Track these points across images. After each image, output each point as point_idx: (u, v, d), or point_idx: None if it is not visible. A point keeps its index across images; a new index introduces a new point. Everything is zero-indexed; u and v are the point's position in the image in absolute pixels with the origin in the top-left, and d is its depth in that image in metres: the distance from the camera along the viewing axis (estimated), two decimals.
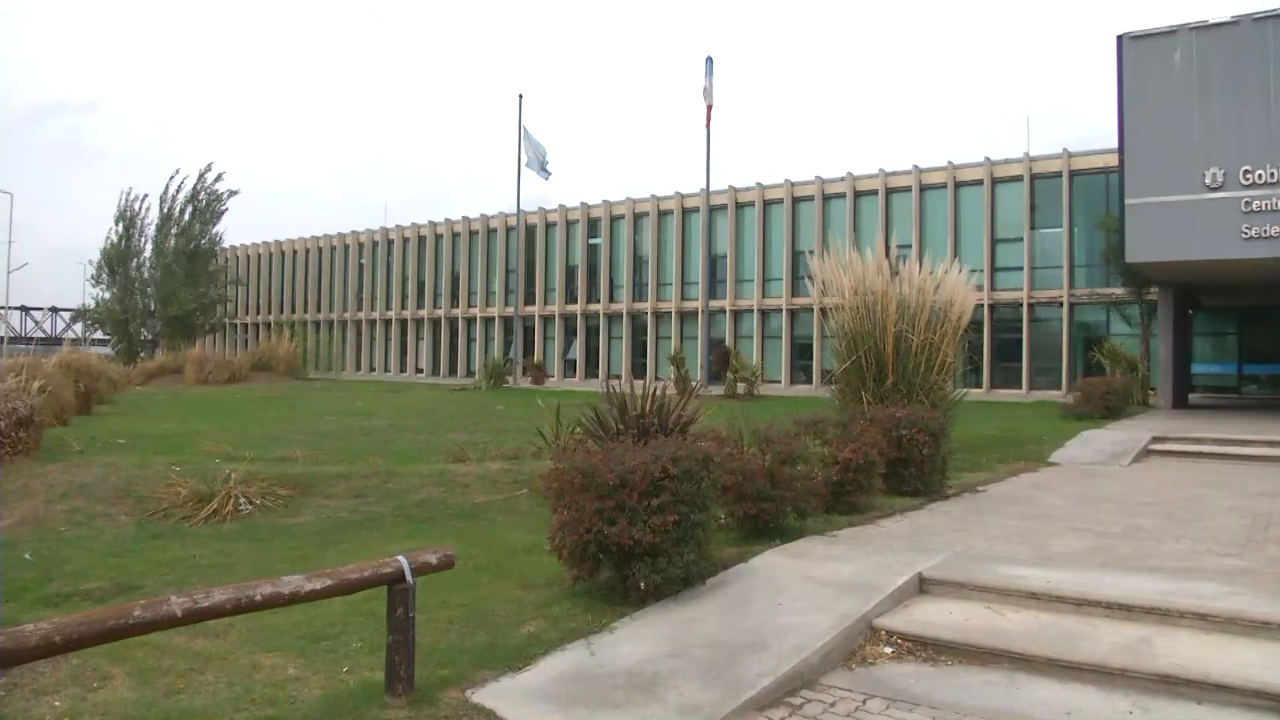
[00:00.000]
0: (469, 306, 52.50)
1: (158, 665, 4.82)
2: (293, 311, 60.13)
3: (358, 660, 4.87)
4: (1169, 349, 25.13)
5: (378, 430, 17.32)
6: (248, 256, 63.89)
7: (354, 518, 9.03)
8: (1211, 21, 20.41)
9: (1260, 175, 19.43)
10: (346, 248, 58.47)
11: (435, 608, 5.57)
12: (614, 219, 47.27)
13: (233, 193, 54.61)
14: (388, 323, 56.40)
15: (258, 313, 62.81)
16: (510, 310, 48.66)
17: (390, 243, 56.22)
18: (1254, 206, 19.48)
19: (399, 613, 4.37)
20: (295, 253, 61.36)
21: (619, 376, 40.36)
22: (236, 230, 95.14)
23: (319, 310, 59.55)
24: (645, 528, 5.50)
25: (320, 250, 59.93)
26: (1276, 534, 8.10)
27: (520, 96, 43.45)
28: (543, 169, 43.34)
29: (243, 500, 9.25)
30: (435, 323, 54.13)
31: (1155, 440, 15.57)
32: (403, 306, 55.42)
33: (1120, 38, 21.19)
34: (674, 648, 5.01)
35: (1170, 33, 20.70)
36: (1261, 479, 12.13)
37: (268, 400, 27.47)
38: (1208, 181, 19.89)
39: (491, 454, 12.31)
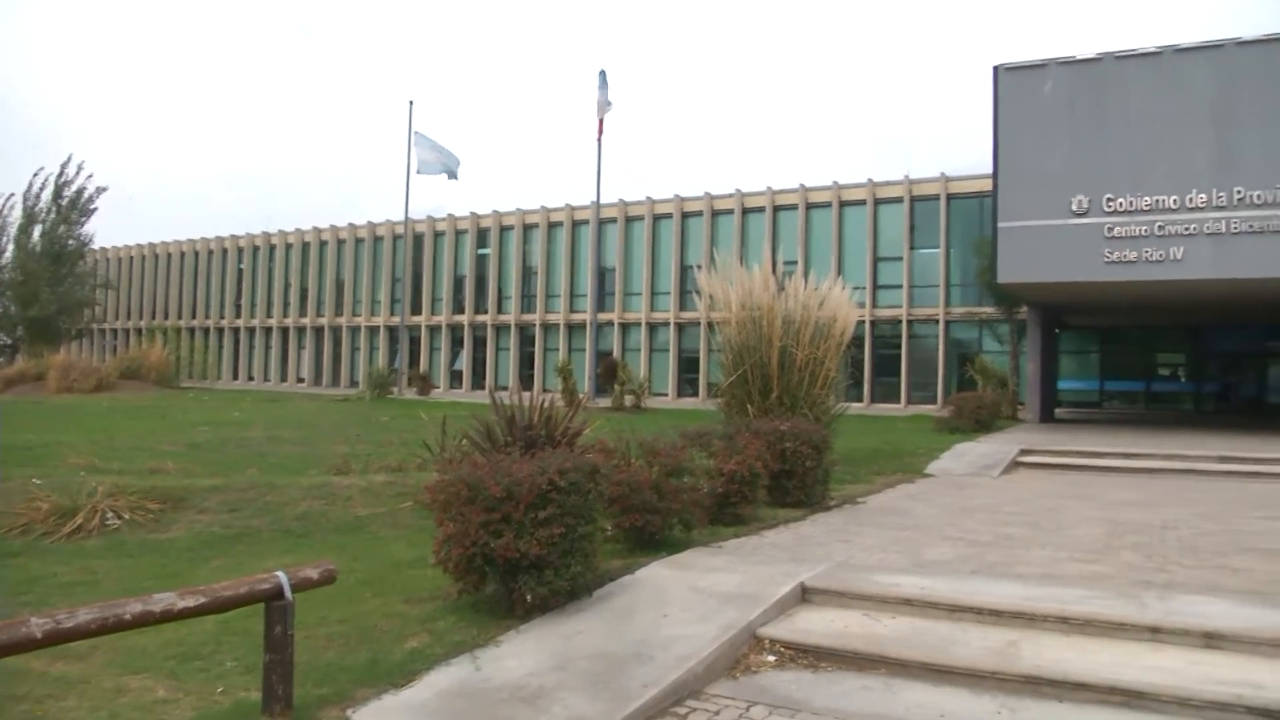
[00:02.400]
0: (353, 315, 51.51)
1: (13, 692, 4.55)
2: (166, 317, 58.00)
3: (232, 680, 4.72)
4: (1036, 366, 26.25)
5: (255, 441, 16.81)
6: (119, 259, 61.37)
7: (229, 532, 8.74)
8: (1079, 57, 21.46)
9: (1121, 203, 20.49)
10: (225, 252, 56.72)
11: (315, 624, 5.44)
12: (503, 229, 47.05)
13: (101, 190, 52.31)
14: (268, 330, 54.88)
15: (128, 318, 60.36)
16: (396, 319, 47.92)
17: (272, 248, 54.76)
18: (1116, 232, 20.53)
19: (277, 630, 4.25)
20: (171, 256, 59.22)
21: (506, 388, 40.09)
22: (113, 233, 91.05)
23: (194, 316, 57.61)
24: (532, 540, 5.48)
25: (197, 254, 57.98)
26: (1131, 541, 8.54)
27: (410, 104, 42.95)
28: (449, 172, 42.46)
29: (110, 515, 8.84)
30: (318, 331, 52.93)
31: (1023, 453, 16.24)
32: (284, 314, 54.01)
33: (996, 69, 22.10)
34: (560, 660, 5.01)
35: (1041, 66, 21.69)
36: (1119, 489, 12.78)
37: (137, 410, 26.36)
38: (1074, 208, 20.89)
39: (375, 466, 12.08)
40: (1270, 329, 34.27)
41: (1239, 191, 19.62)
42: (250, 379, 55.04)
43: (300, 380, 53.18)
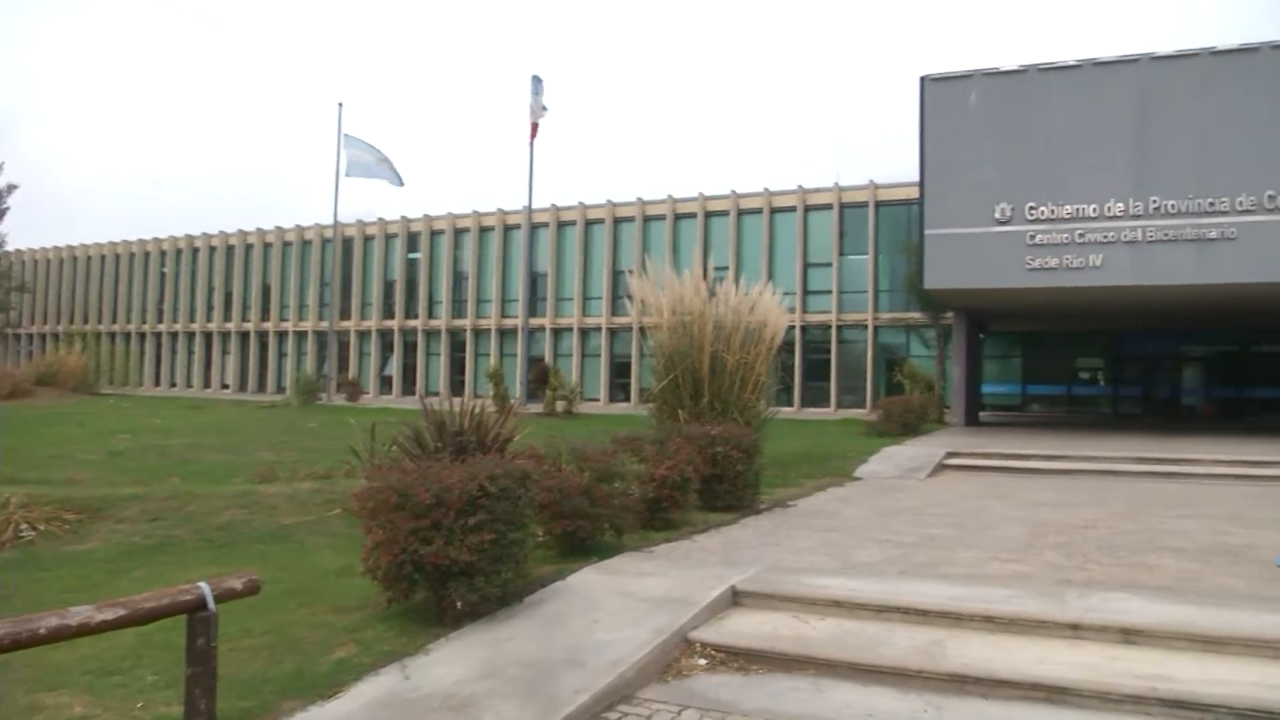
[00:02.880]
0: (280, 320, 50.62)
1: None
2: (85, 321, 56.36)
3: (153, 695, 4.59)
4: (962, 370, 26.78)
5: (177, 449, 16.41)
6: (35, 261, 59.49)
7: (149, 543, 8.51)
8: (1003, 69, 21.99)
9: (1043, 212, 21.03)
10: (148, 255, 55.32)
11: (239, 636, 5.32)
12: (434, 234, 46.65)
13: (13, 187, 50.61)
14: (191, 335, 53.67)
15: (45, 322, 58.54)
16: (324, 324, 47.21)
17: (196, 251, 53.55)
18: (1037, 240, 21.06)
19: (200, 643, 4.14)
20: (90, 259, 57.60)
21: (437, 393, 39.72)
22: (31, 235, 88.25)
23: (115, 321, 56.10)
24: (462, 547, 5.43)
25: (119, 257, 56.47)
26: (1053, 541, 8.75)
27: (340, 105, 42.34)
28: (391, 179, 41.75)
29: (24, 526, 8.56)
30: (243, 336, 51.92)
31: (949, 455, 16.54)
32: (208, 318, 52.85)
33: (923, 79, 22.54)
34: (490, 668, 4.97)
35: (967, 76, 22.17)
36: (1042, 490, 13.09)
37: (54, 417, 25.55)
38: (997, 216, 21.38)
39: (302, 473, 11.87)
40: (1184, 334, 35.48)
41: (1155, 201, 20.28)
42: (173, 385, 53.75)
43: (225, 386, 52.08)
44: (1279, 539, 8.93)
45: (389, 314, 47.62)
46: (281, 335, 50.80)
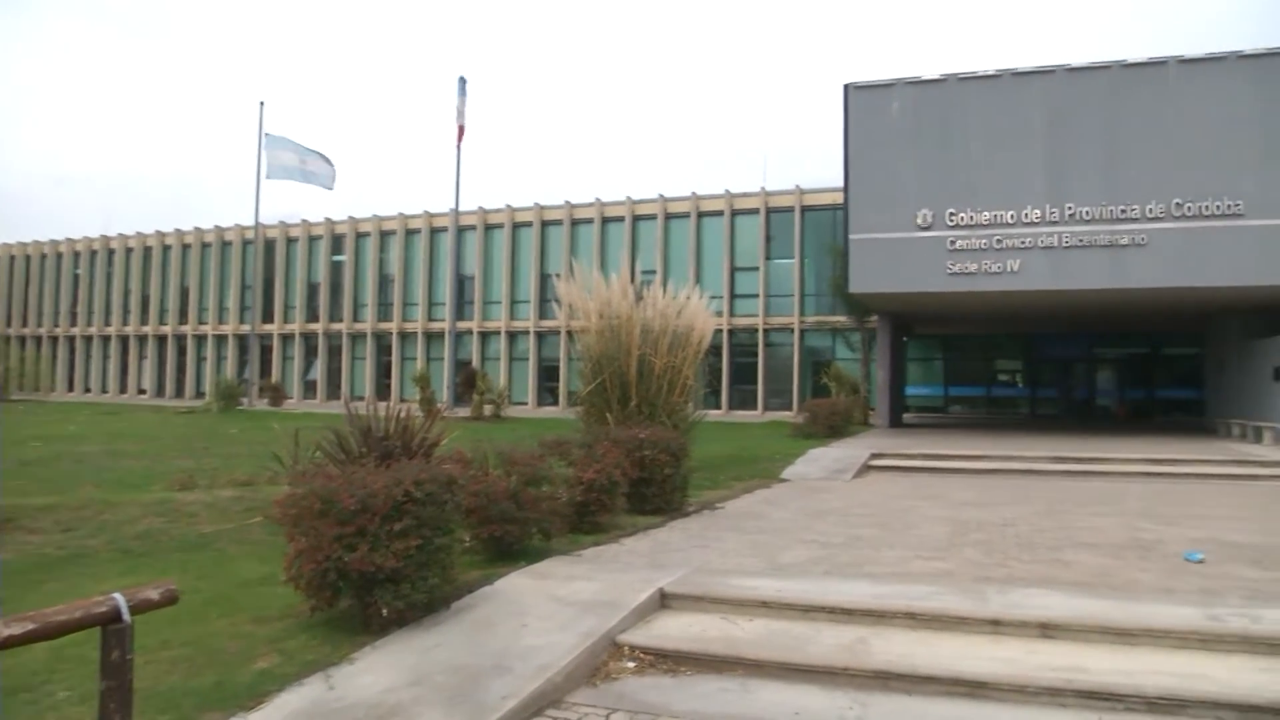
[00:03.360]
0: (200, 323, 49.44)
1: None
2: None
3: (65, 712, 4.45)
4: (886, 373, 27.22)
5: (92, 457, 15.94)
6: None
7: (63, 553, 8.24)
8: (924, 78, 22.43)
9: (962, 218, 21.51)
10: (60, 256, 53.56)
11: (156, 648, 5.18)
12: (359, 235, 45.98)
13: None
14: (106, 339, 52.09)
15: None
16: (246, 328, 46.24)
17: (111, 252, 51.99)
18: (957, 245, 21.52)
19: (114, 656, 4.02)
20: None
21: (362, 398, 39.20)
22: None
23: (25, 324, 54.24)
24: (387, 553, 5.36)
25: (29, 258, 54.62)
26: (974, 539, 8.94)
27: (261, 104, 41.52)
28: (322, 183, 41.03)
29: None
30: (161, 340, 50.60)
31: (874, 457, 16.80)
32: (124, 322, 51.35)
33: (847, 87, 22.89)
34: (417, 675, 4.91)
35: (889, 85, 22.57)
36: (963, 489, 13.36)
37: None
38: (919, 221, 21.80)
39: (222, 480, 11.62)
40: (1098, 337, 36.55)
41: (1069, 208, 20.86)
42: (87, 390, 52.10)
43: (142, 391, 50.67)
44: (1188, 534, 9.25)
45: (313, 317, 46.82)
46: (201, 339, 49.60)
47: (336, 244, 46.66)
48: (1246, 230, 19.87)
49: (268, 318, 46.88)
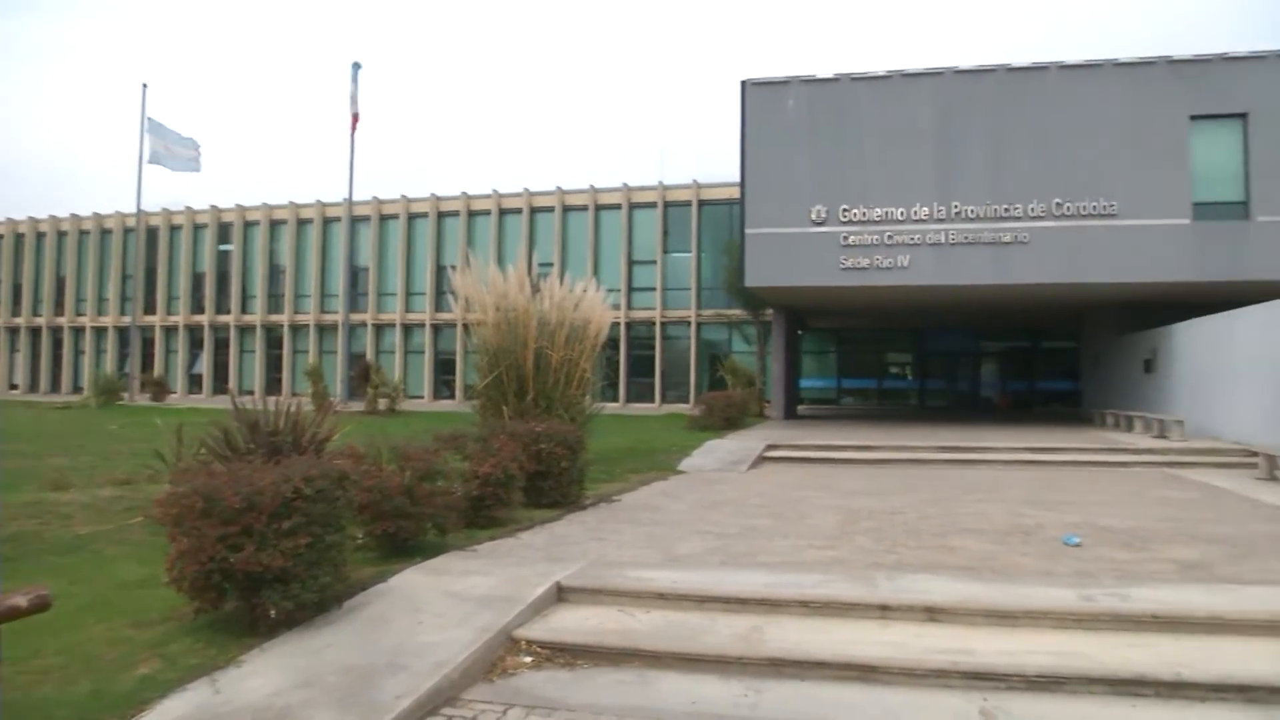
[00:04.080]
0: (77, 314, 47.38)
1: None
2: None
3: None
4: (781, 366, 27.67)
5: None
6: None
7: None
8: (819, 76, 22.81)
9: (855, 214, 21.97)
10: None
11: (27, 657, 4.94)
12: (248, 225, 44.67)
13: None
14: None
15: None
16: (127, 319, 44.50)
17: None
18: (850, 241, 21.98)
19: None
20: None
21: (251, 392, 38.14)
22: None
23: None
24: (275, 552, 5.22)
25: None
26: (864, 527, 9.15)
27: (144, 87, 39.93)
28: (174, 158, 39.63)
29: None
30: (34, 332, 48.34)
31: (769, 448, 17.07)
32: None
33: (744, 83, 23.14)
34: (308, 677, 4.79)
35: (785, 82, 22.89)
36: (855, 479, 13.66)
37: None
38: (813, 217, 22.19)
39: (100, 479, 11.17)
40: (983, 331, 37.78)
41: (956, 206, 21.49)
42: None
43: (14, 387, 48.34)
44: (1065, 519, 9.64)
45: (198, 309, 45.34)
46: (78, 331, 47.55)
47: (223, 233, 45.25)
48: (1120, 230, 20.78)
49: (150, 309, 45.21)
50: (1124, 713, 4.67)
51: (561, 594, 6.43)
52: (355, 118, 35.90)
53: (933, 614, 5.86)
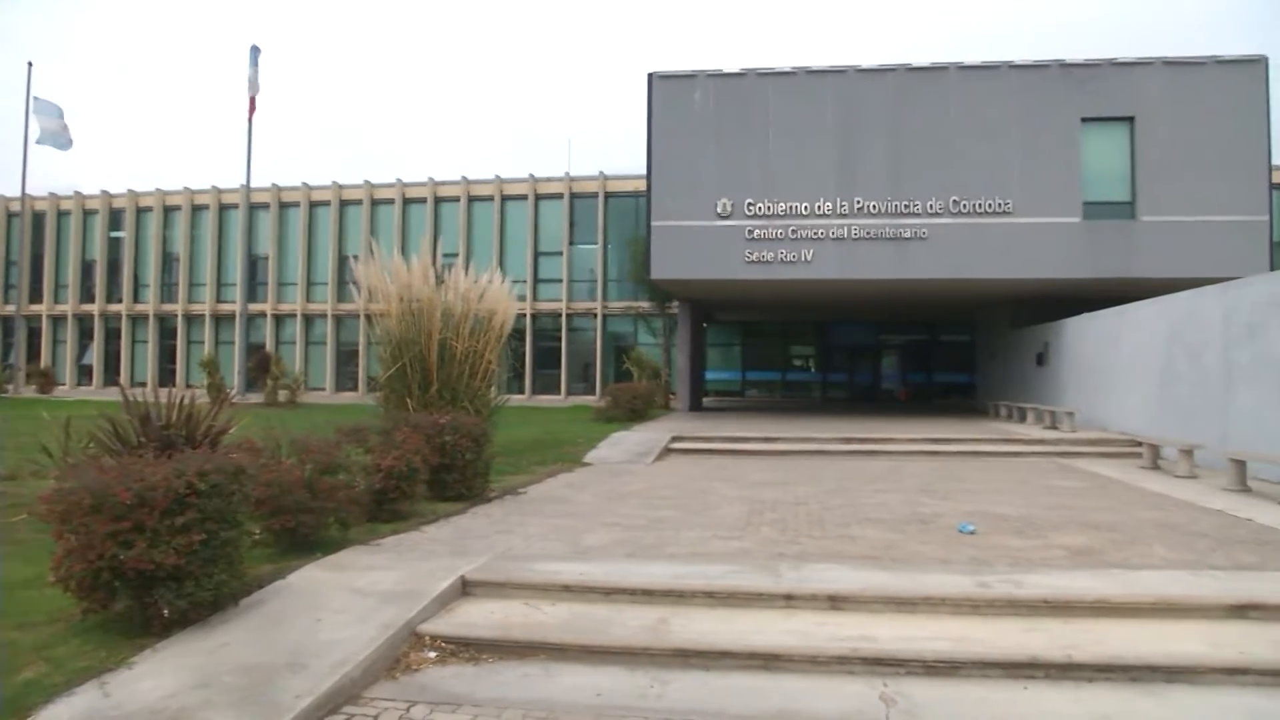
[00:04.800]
0: None
1: None
2: None
3: None
4: (687, 358, 27.86)
5: None
6: None
7: None
8: (725, 70, 22.97)
9: (760, 208, 22.22)
10: None
11: None
12: (141, 211, 43.06)
13: None
14: None
15: None
16: (11, 308, 42.56)
17: None
18: (755, 235, 22.22)
19: None
20: None
21: (144, 384, 36.90)
22: None
23: None
24: (168, 549, 5.05)
25: None
26: (769, 518, 9.27)
27: (30, 65, 38.13)
28: (59, 137, 37.95)
29: None
30: None
31: (675, 440, 17.17)
32: None
33: (651, 76, 23.18)
34: (204, 677, 4.65)
35: (692, 76, 23.00)
36: (760, 470, 13.83)
37: None
38: (719, 210, 22.38)
39: None
40: (884, 324, 38.62)
41: (858, 202, 21.90)
42: None
43: None
44: (962, 508, 9.92)
45: (88, 297, 43.59)
46: None
47: (115, 219, 43.56)
48: (1014, 227, 21.45)
49: (36, 297, 43.32)
50: (1017, 695, 4.83)
51: (467, 588, 6.38)
52: (253, 102, 34.89)
53: (835, 602, 5.97)
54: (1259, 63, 21.35)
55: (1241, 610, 5.79)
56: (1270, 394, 12.50)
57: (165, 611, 5.18)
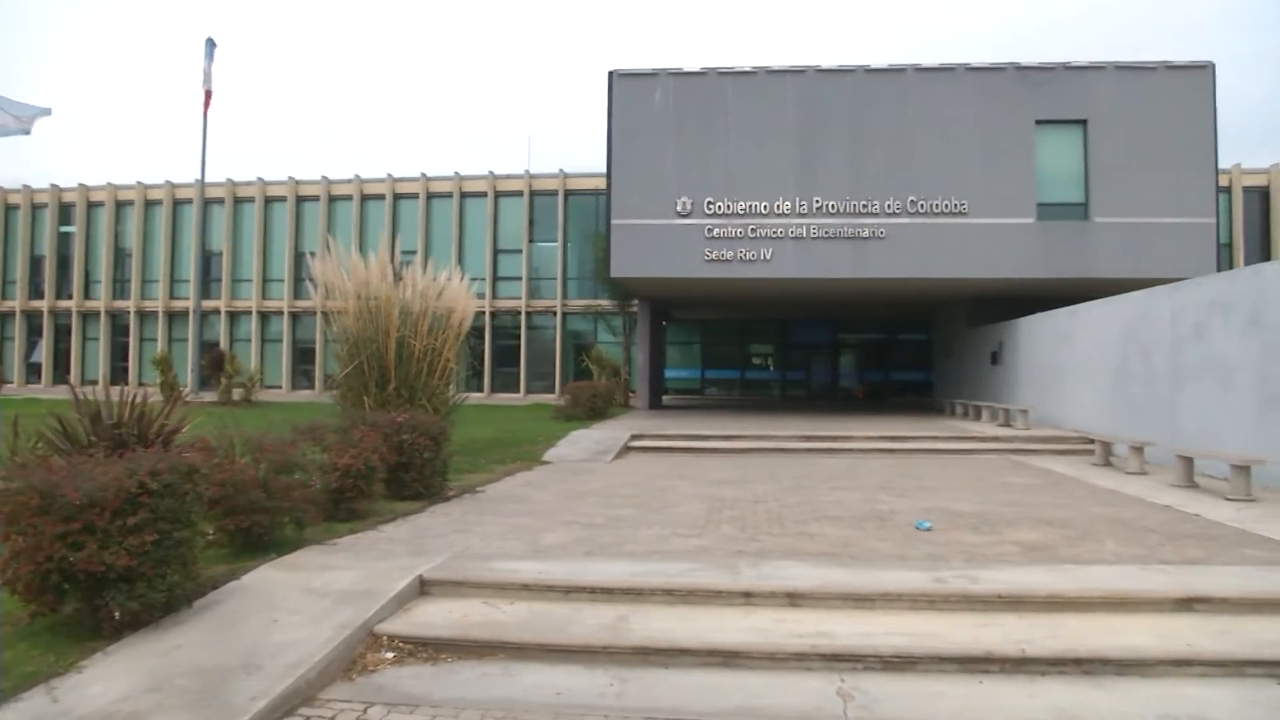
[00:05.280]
0: None
1: None
2: None
3: None
4: (646, 356, 27.90)
5: None
6: None
7: None
8: (686, 70, 23.02)
9: (720, 206, 22.29)
10: None
11: None
12: (91, 205, 42.26)
13: None
14: None
15: None
16: None
17: None
18: (715, 233, 22.29)
19: None
20: None
21: (94, 383, 36.25)
22: None
23: None
24: (120, 550, 4.97)
25: None
26: (729, 515, 9.31)
27: None
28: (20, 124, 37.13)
29: None
30: None
31: (634, 438, 17.18)
32: None
33: (611, 74, 23.16)
34: (156, 680, 4.58)
35: (653, 74, 23.02)
36: (719, 468, 13.88)
37: None
38: (679, 209, 22.42)
39: None
40: (842, 323, 38.90)
41: (818, 201, 22.04)
42: None
43: None
44: (919, 505, 10.01)
45: (37, 294, 42.73)
46: None
47: (65, 214, 42.72)
48: (970, 228, 21.70)
49: None
50: (972, 689, 4.89)
51: (424, 587, 6.33)
52: (209, 96, 34.42)
53: (794, 599, 6.00)
54: (1206, 69, 21.77)
55: (1188, 603, 5.90)
56: (1215, 393, 12.75)
57: (116, 614, 5.09)
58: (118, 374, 40.26)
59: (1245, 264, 28.78)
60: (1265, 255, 33.74)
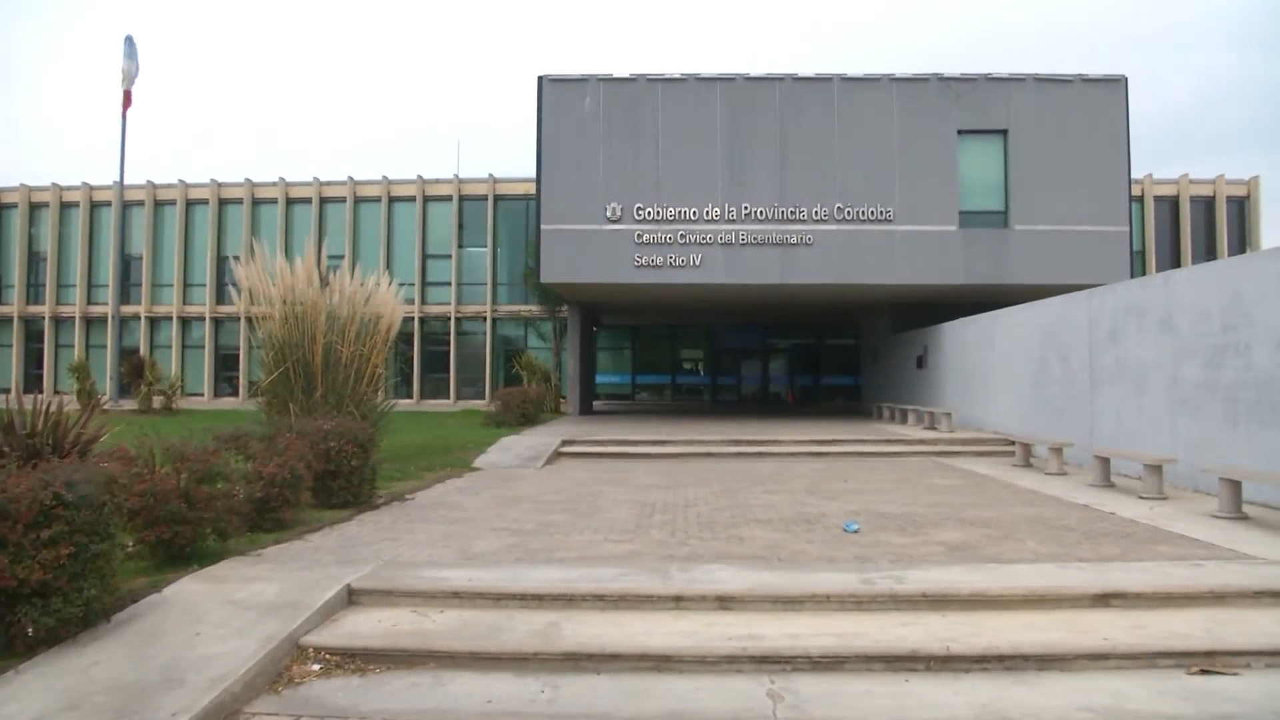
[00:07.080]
0: None
1: None
2: None
3: None
4: (577, 362, 27.87)
5: None
6: None
7: None
8: (616, 75, 23.07)
9: (649, 212, 22.39)
10: None
11: None
12: (4, 207, 40.92)
13: None
14: None
15: None
16: None
17: None
18: (644, 239, 22.38)
19: None
20: None
21: (7, 391, 35.07)
22: None
23: None
24: (33, 564, 4.82)
25: None
26: (659, 520, 9.34)
27: None
28: None
29: None
30: None
31: (565, 444, 17.16)
32: None
33: (541, 79, 23.12)
34: (72, 698, 4.44)
35: (583, 80, 23.04)
36: (649, 473, 13.93)
37: None
38: (609, 215, 22.46)
39: None
40: (771, 328, 39.27)
41: (746, 207, 22.26)
42: None
43: None
44: (846, 507, 10.15)
45: None
46: None
47: None
48: (895, 235, 22.10)
49: None
50: (899, 687, 4.98)
51: (353, 597, 6.25)
52: (128, 95, 33.59)
53: (724, 602, 6.05)
54: (1119, 82, 22.49)
55: (1105, 599, 6.09)
56: (1130, 395, 13.16)
57: (30, 630, 4.94)
58: (32, 381, 39.06)
59: (1157, 271, 29.75)
60: (1176, 263, 34.97)
